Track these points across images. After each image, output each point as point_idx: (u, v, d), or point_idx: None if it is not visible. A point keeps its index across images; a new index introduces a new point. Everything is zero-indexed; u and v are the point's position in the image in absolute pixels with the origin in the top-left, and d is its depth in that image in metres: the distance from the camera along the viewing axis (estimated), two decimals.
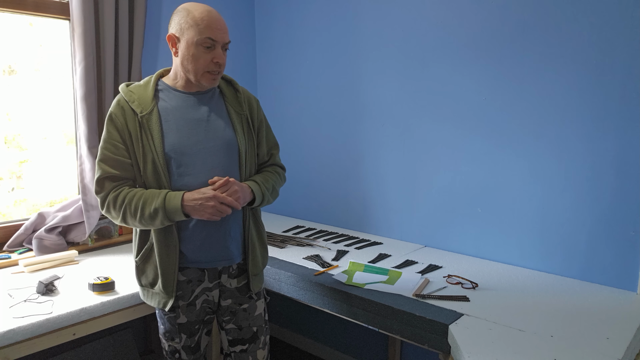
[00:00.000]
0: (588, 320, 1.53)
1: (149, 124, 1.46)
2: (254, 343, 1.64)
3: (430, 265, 2.02)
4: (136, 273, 1.59)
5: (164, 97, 1.52)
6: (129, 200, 1.43)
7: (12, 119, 2.23)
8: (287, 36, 2.81)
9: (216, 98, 1.58)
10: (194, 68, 1.46)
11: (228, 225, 1.54)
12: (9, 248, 2.14)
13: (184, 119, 1.49)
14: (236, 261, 1.59)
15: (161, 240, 1.49)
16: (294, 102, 2.82)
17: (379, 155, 2.46)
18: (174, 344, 1.59)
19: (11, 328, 1.51)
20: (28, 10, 2.12)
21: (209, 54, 1.45)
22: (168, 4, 2.53)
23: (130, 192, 1.45)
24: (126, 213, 1.44)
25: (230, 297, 1.61)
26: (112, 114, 1.48)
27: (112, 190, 1.46)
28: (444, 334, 1.49)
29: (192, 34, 1.43)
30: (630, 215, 1.76)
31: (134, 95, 1.49)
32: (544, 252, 1.97)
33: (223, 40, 1.46)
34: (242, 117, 1.59)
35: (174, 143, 1.47)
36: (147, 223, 1.44)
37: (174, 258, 1.50)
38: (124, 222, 1.47)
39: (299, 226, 2.68)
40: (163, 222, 1.43)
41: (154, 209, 1.40)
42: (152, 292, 1.56)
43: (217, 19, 1.45)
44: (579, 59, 1.82)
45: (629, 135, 1.73)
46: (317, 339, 2.93)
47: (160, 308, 1.55)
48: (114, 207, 1.45)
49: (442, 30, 2.17)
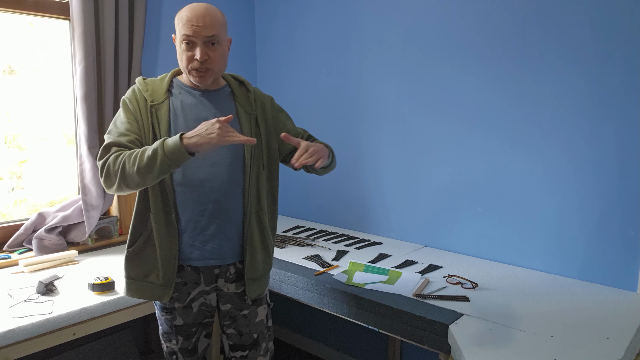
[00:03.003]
0: (588, 320, 1.53)
1: (158, 113, 1.46)
2: (254, 350, 1.62)
3: (430, 265, 2.02)
4: (125, 264, 1.52)
5: (177, 92, 1.53)
6: (129, 154, 1.35)
7: (12, 119, 2.23)
8: (287, 36, 2.82)
9: (226, 97, 1.58)
10: (182, 66, 1.48)
11: (224, 222, 1.51)
12: (9, 248, 2.14)
13: (192, 115, 1.50)
14: (228, 262, 1.54)
15: (161, 229, 1.47)
16: (294, 102, 2.82)
17: (379, 154, 2.46)
18: (172, 346, 1.58)
19: (11, 328, 1.51)
20: (28, 10, 2.12)
21: (190, 51, 1.44)
22: (168, 4, 2.53)
23: (131, 151, 1.38)
24: (124, 167, 1.34)
25: (229, 302, 1.59)
26: (127, 98, 1.49)
27: (114, 154, 1.39)
28: (444, 334, 1.49)
29: (177, 32, 1.46)
30: (630, 215, 1.76)
31: (148, 86, 1.51)
32: (544, 252, 1.97)
33: (201, 35, 1.41)
34: (250, 116, 1.57)
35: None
36: (146, 171, 1.32)
37: (175, 247, 1.48)
38: (122, 182, 1.36)
39: (299, 226, 2.68)
40: (163, 164, 1.30)
41: (152, 151, 1.31)
42: (145, 284, 1.51)
43: (198, 15, 1.41)
44: (579, 58, 1.82)
45: (629, 135, 1.73)
46: (317, 339, 2.93)
47: (156, 300, 1.51)
48: (113, 167, 1.36)
49: (442, 29, 2.17)
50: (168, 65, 2.57)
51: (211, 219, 1.50)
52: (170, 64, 2.64)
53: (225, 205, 1.51)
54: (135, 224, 1.52)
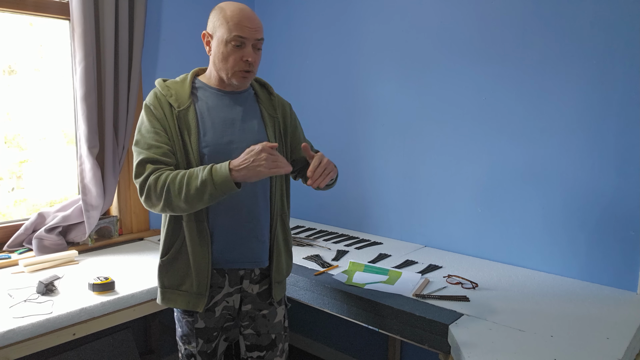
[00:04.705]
0: (588, 320, 1.53)
1: (185, 119, 1.44)
2: (271, 350, 1.61)
3: (430, 265, 2.02)
4: (159, 274, 1.51)
5: (200, 94, 1.50)
6: (172, 179, 1.34)
7: (12, 119, 2.23)
8: (287, 36, 2.82)
9: (251, 99, 1.57)
10: (224, 67, 1.45)
11: (256, 226, 1.51)
12: (9, 248, 2.14)
13: (219, 117, 1.48)
14: (261, 265, 1.54)
15: (194, 238, 1.45)
16: (294, 102, 2.79)
17: (379, 155, 2.46)
18: (190, 348, 1.55)
19: (11, 328, 1.50)
20: (28, 10, 2.12)
21: (239, 53, 1.43)
22: (168, 4, 2.53)
23: (172, 173, 1.37)
24: (170, 193, 1.33)
25: (250, 303, 1.57)
26: (151, 105, 1.44)
27: (153, 173, 1.37)
28: (444, 334, 1.49)
29: (223, 31, 1.42)
30: (630, 215, 1.76)
31: (170, 90, 1.47)
32: (544, 252, 1.97)
33: (253, 37, 1.43)
34: (275, 120, 1.58)
35: (208, 141, 1.45)
36: (194, 200, 1.33)
37: (207, 256, 1.46)
38: (167, 207, 1.36)
39: (299, 226, 2.68)
40: (213, 196, 1.32)
41: (201, 182, 1.31)
42: (179, 292, 1.49)
43: (249, 17, 1.43)
44: (580, 58, 1.82)
45: (629, 135, 1.73)
46: (317, 339, 2.93)
47: (191, 309, 1.49)
48: (155, 190, 1.35)
49: (442, 30, 2.17)
50: (168, 65, 2.57)
51: (244, 223, 1.49)
52: (170, 64, 2.65)
53: (255, 209, 1.51)
54: (168, 233, 1.49)
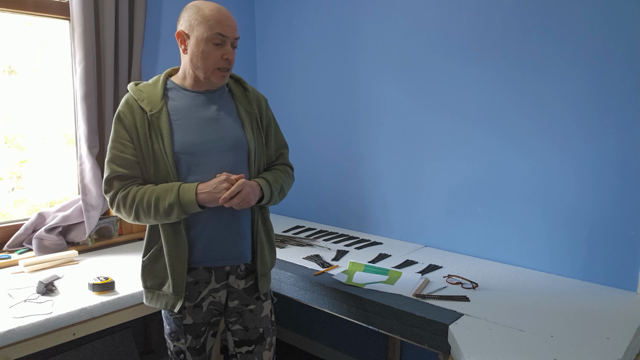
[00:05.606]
0: (588, 320, 1.53)
1: (158, 122, 1.45)
2: (260, 344, 1.63)
3: (430, 265, 2.02)
4: (142, 274, 1.56)
5: (173, 96, 1.51)
6: (140, 198, 1.42)
7: (12, 119, 2.23)
8: (287, 36, 2.81)
9: (225, 97, 1.58)
10: (203, 65, 1.46)
11: (237, 223, 1.53)
12: (9, 248, 2.14)
13: (193, 118, 1.49)
14: (245, 261, 1.57)
15: (170, 241, 1.48)
16: (294, 102, 2.82)
17: (379, 154, 2.46)
18: (179, 345, 1.58)
19: (11, 328, 1.50)
20: (28, 10, 2.12)
21: (219, 51, 1.44)
22: (168, 4, 2.53)
23: (139, 189, 1.44)
24: (139, 211, 1.43)
25: (237, 298, 1.60)
26: (121, 112, 1.47)
27: (121, 190, 1.45)
28: (444, 334, 1.49)
29: (202, 30, 1.42)
30: (630, 215, 1.76)
31: (143, 94, 1.48)
32: (544, 252, 1.97)
33: (233, 36, 1.46)
34: (251, 115, 1.58)
35: (183, 142, 1.46)
36: (162, 219, 1.44)
37: (183, 259, 1.48)
38: (136, 220, 1.46)
39: (299, 226, 2.68)
40: (180, 216, 1.43)
41: (168, 205, 1.40)
42: (159, 293, 1.54)
43: (227, 16, 1.46)
44: (580, 58, 1.82)
45: (629, 135, 1.73)
46: (317, 339, 2.93)
47: (169, 310, 1.53)
48: (124, 206, 1.44)
49: (442, 29, 2.17)
50: (168, 65, 2.55)
51: (225, 222, 1.51)
52: (170, 64, 2.63)
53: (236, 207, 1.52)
54: (149, 234, 1.54)
